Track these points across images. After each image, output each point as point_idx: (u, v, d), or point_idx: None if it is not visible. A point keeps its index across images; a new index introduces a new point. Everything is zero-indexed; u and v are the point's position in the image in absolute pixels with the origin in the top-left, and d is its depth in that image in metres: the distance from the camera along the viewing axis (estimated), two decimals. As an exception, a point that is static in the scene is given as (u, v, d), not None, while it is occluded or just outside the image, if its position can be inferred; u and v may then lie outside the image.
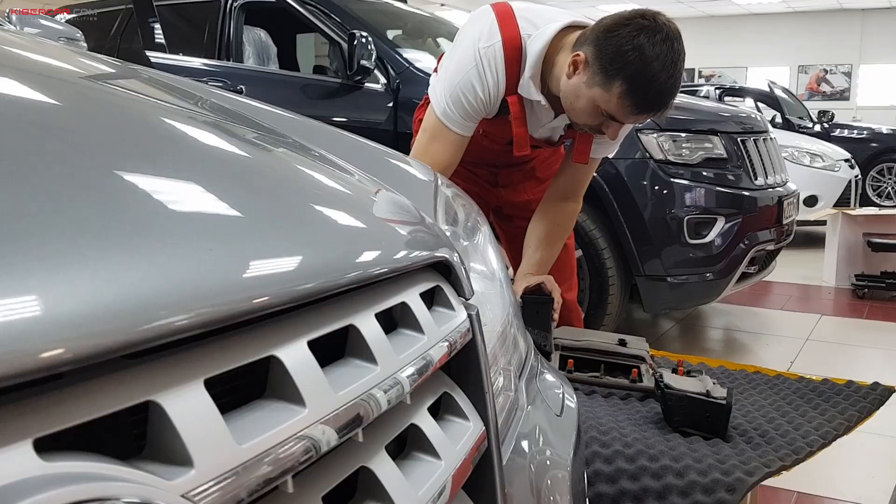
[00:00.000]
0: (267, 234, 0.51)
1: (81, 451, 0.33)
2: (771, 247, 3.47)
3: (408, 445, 0.59)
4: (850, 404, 1.56)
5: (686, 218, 3.10)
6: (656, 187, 3.13)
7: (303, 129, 1.03)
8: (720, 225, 3.16)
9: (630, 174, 3.13)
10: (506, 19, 1.72)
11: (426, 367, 0.59)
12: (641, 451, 1.31)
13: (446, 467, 0.58)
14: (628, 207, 3.11)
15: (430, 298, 0.70)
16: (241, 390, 0.46)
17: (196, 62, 3.56)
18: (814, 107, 10.55)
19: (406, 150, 3.73)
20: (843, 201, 6.58)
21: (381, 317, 0.61)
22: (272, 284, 0.45)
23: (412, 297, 0.63)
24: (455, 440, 0.62)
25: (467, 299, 0.73)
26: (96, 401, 0.34)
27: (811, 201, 6.43)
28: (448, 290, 0.71)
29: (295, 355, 0.46)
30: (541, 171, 2.20)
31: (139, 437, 0.39)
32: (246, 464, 0.38)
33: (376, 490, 0.51)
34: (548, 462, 0.79)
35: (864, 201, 8.25)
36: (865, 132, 9.20)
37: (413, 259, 0.65)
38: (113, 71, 0.96)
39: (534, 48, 1.68)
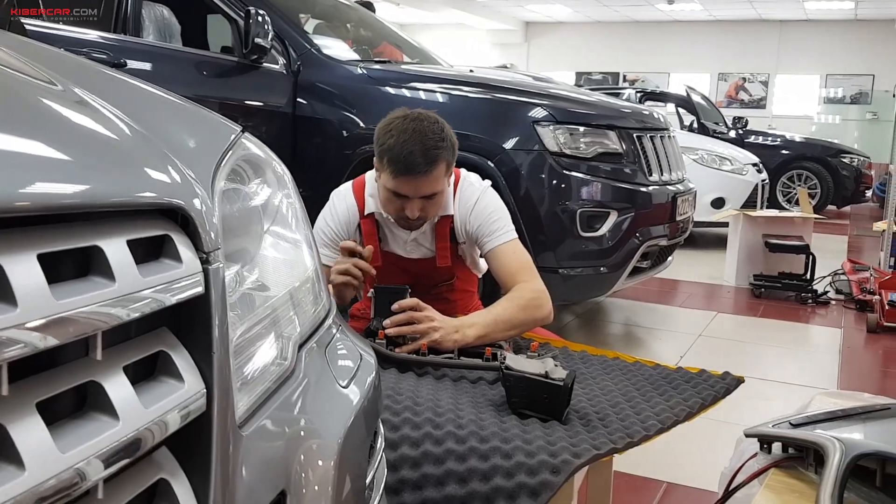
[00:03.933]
0: None
1: None
2: (664, 242, 3.50)
3: (86, 404, 0.53)
4: (696, 392, 1.56)
5: (579, 211, 3.10)
6: (552, 180, 3.12)
7: (96, 79, 0.95)
8: (613, 219, 3.17)
9: (526, 166, 3.11)
10: None
11: (112, 320, 0.53)
12: (473, 433, 1.27)
13: (122, 429, 0.52)
14: (523, 199, 3.09)
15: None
16: None
17: (91, 34, 3.37)
18: (732, 114, 10.84)
19: (305, 134, 3.61)
20: (750, 204, 6.74)
21: (73, 261, 0.54)
22: None
23: (111, 242, 0.56)
24: (151, 402, 0.56)
25: (206, 253, 0.67)
26: None
27: (718, 203, 6.58)
28: (180, 241, 0.64)
29: None
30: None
31: None
32: None
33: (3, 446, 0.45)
34: (302, 433, 0.74)
35: (775, 206, 8.51)
36: (778, 139, 9.52)
37: (117, 200, 0.58)
38: None
39: (371, 172, 1.95)
